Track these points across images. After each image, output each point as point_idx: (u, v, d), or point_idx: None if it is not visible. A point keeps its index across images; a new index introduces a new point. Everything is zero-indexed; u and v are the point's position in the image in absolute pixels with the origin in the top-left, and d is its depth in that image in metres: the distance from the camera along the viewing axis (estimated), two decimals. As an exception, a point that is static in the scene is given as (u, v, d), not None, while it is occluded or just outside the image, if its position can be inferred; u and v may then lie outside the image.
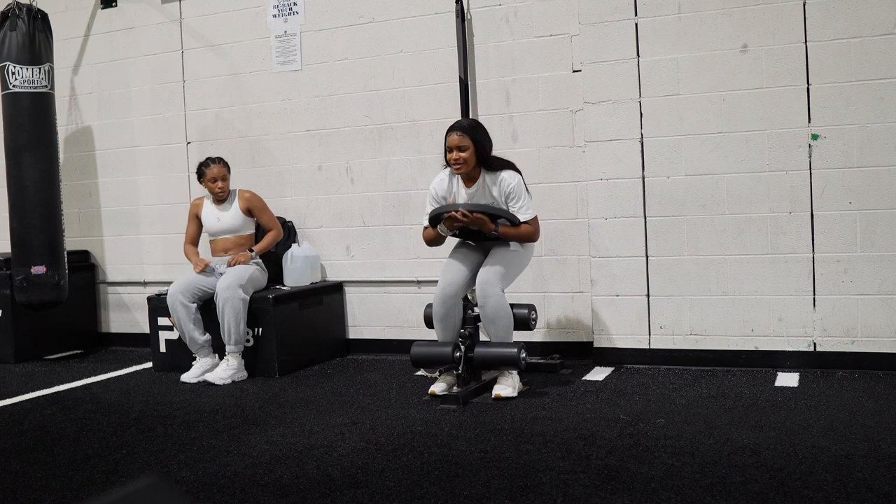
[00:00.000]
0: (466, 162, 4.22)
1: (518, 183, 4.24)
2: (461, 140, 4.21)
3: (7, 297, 5.78)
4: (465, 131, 4.23)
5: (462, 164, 4.22)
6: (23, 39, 5.47)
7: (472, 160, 4.24)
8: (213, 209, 5.22)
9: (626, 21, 4.68)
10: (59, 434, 3.92)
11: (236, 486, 3.07)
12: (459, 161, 4.21)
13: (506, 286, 4.25)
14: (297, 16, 5.65)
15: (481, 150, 4.24)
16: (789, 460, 3.06)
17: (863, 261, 4.36)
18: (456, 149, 4.21)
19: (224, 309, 4.83)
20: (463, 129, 4.24)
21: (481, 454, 3.30)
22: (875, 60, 4.27)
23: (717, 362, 4.62)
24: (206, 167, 5.17)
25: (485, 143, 4.28)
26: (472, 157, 4.23)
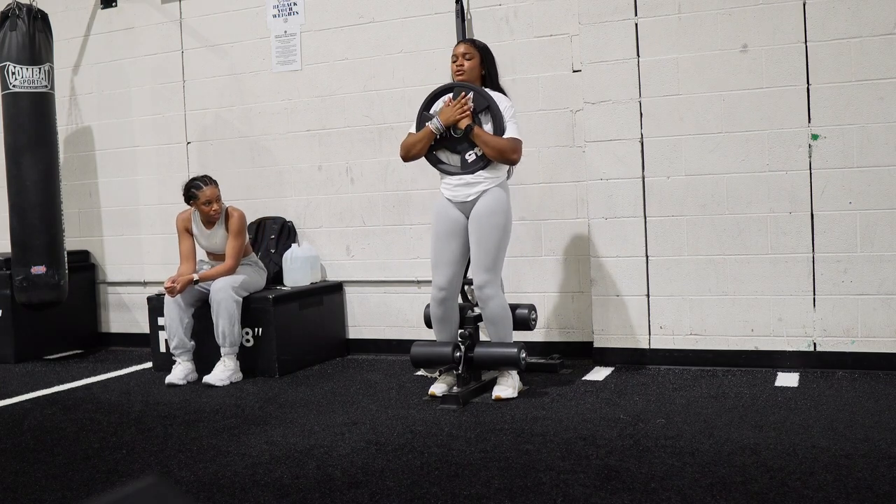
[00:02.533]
0: (469, 71, 4.20)
1: (511, 106, 4.18)
2: (467, 49, 4.24)
3: (7, 297, 5.78)
4: (474, 43, 4.29)
5: (465, 72, 4.20)
6: (23, 39, 5.47)
7: (476, 72, 4.22)
8: (202, 227, 5.06)
9: (626, 21, 4.68)
10: (59, 434, 3.92)
11: (236, 486, 3.07)
12: (463, 68, 4.20)
13: (500, 273, 4.17)
14: (297, 16, 5.65)
15: (486, 65, 4.25)
16: (789, 460, 3.06)
17: (863, 261, 4.36)
18: (461, 56, 4.23)
19: (218, 311, 4.83)
20: (472, 42, 4.32)
21: (481, 454, 3.30)
22: (875, 60, 4.27)
23: (717, 362, 4.62)
24: (197, 189, 4.92)
25: (491, 61, 4.28)
26: (476, 69, 4.22)
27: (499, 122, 4.10)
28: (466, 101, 4.11)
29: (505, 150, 4.06)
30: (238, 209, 5.04)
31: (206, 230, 5.05)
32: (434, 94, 4.26)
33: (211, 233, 5.05)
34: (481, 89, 4.16)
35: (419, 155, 4.24)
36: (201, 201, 4.94)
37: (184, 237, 5.09)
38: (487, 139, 4.06)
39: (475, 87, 4.16)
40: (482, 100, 4.12)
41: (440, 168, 4.23)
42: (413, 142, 4.22)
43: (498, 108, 4.11)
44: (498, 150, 4.06)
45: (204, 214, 4.99)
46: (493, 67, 4.27)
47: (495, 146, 4.06)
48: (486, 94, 4.14)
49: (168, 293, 4.86)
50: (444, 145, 4.20)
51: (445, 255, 4.20)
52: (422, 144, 4.20)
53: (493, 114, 4.10)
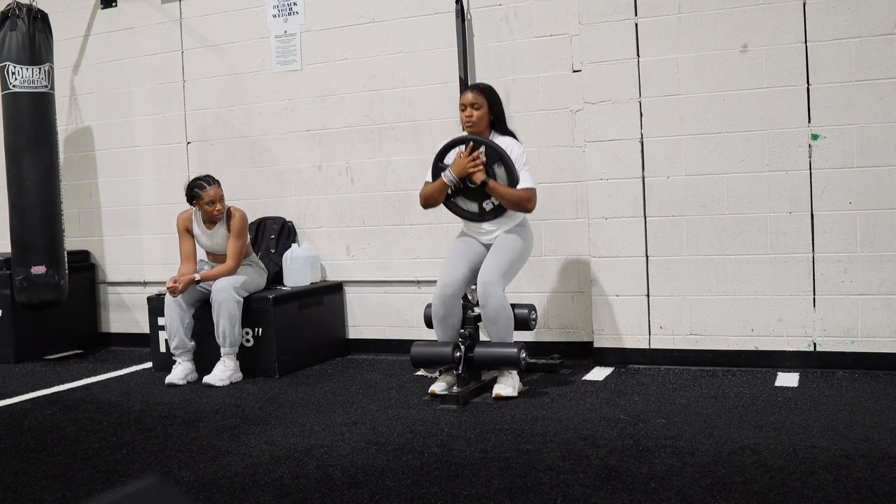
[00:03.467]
0: (479, 121, 4.27)
1: (523, 152, 4.29)
2: (475, 98, 4.28)
3: (7, 297, 5.78)
4: (481, 91, 4.32)
5: (474, 123, 4.27)
6: (23, 39, 5.47)
7: (485, 120, 4.29)
8: (203, 227, 5.06)
9: (626, 21, 4.68)
10: (59, 434, 3.92)
11: (236, 486, 3.07)
12: (472, 118, 4.27)
13: (507, 283, 4.25)
14: (297, 16, 5.65)
15: (495, 110, 4.33)
16: (789, 460, 3.06)
17: (863, 261, 4.36)
18: (470, 106, 4.28)
19: (219, 311, 4.83)
20: (478, 89, 4.34)
21: (481, 454, 3.30)
22: (875, 60, 4.27)
23: (717, 362, 4.62)
24: (201, 189, 4.92)
25: (499, 105, 4.35)
26: (485, 116, 4.29)
27: (512, 174, 4.22)
28: (478, 155, 4.21)
29: (520, 201, 4.24)
30: (240, 209, 5.04)
31: (207, 230, 5.05)
32: (448, 145, 4.37)
33: (212, 233, 5.05)
34: (492, 143, 4.26)
35: (437, 203, 4.42)
36: (205, 201, 4.94)
37: (184, 237, 5.09)
38: (503, 192, 4.22)
39: (487, 141, 4.26)
40: (494, 153, 4.23)
41: (460, 214, 4.41)
42: (430, 192, 4.38)
43: (510, 160, 4.23)
44: (513, 201, 4.24)
45: (207, 214, 4.99)
46: (500, 111, 4.37)
47: (511, 198, 4.23)
48: (498, 147, 4.24)
49: (170, 293, 4.86)
50: (462, 194, 4.35)
51: (459, 259, 4.34)
52: (438, 195, 4.36)
53: (507, 166, 4.22)
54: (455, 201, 4.38)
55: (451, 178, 4.26)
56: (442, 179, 4.29)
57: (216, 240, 5.05)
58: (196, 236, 5.09)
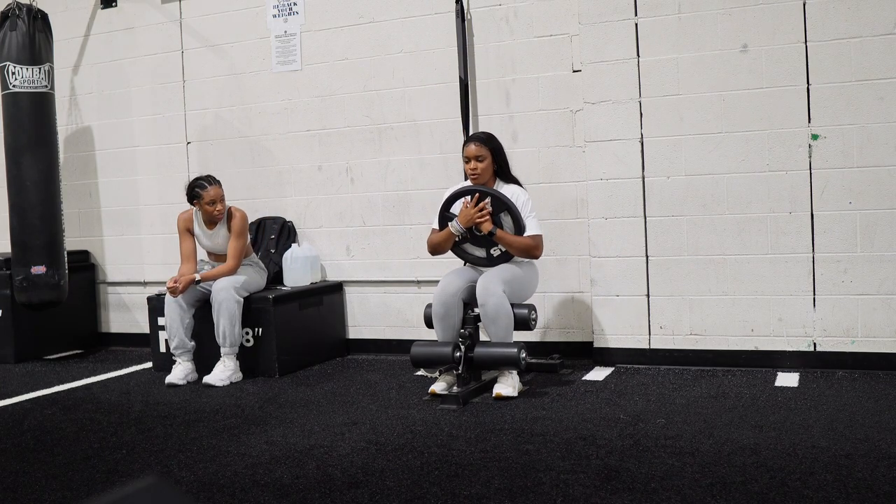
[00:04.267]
0: (483, 172, 4.36)
1: (529, 199, 4.37)
2: (479, 150, 4.35)
3: (7, 297, 5.78)
4: (483, 142, 4.38)
5: (479, 175, 4.35)
6: (23, 39, 5.47)
7: (489, 170, 4.39)
8: (203, 227, 5.06)
9: (626, 21, 4.68)
10: (59, 434, 3.92)
11: (236, 486, 3.07)
12: (477, 171, 4.35)
13: (507, 289, 4.26)
14: (297, 16, 5.65)
15: (498, 159, 4.41)
16: (789, 460, 3.06)
17: (863, 261, 4.36)
18: (474, 159, 4.35)
19: (220, 311, 4.83)
20: (481, 141, 4.39)
21: (481, 454, 3.30)
22: (875, 60, 4.27)
23: (717, 362, 4.62)
24: (202, 189, 4.92)
25: (501, 153, 4.44)
26: (490, 167, 4.38)
27: (519, 222, 4.29)
28: (484, 205, 4.28)
29: (528, 248, 4.31)
30: (240, 209, 5.04)
31: (207, 230, 5.05)
32: (454, 195, 4.43)
33: (213, 233, 5.05)
34: (498, 192, 4.32)
35: (444, 251, 4.49)
36: (205, 201, 4.94)
37: (185, 237, 5.08)
38: (511, 241, 4.29)
39: (492, 191, 4.32)
40: (500, 203, 4.30)
41: (468, 260, 4.50)
42: (437, 241, 4.45)
43: (516, 209, 4.29)
44: (521, 250, 4.32)
45: (207, 214, 4.99)
46: (503, 159, 4.44)
47: (519, 246, 4.31)
48: (503, 196, 4.31)
49: (170, 293, 4.86)
50: (470, 241, 4.42)
51: (462, 269, 4.46)
52: (445, 244, 4.44)
53: (513, 215, 4.29)
54: (463, 248, 4.46)
55: (458, 229, 4.34)
56: (449, 229, 4.36)
57: (216, 240, 5.05)
58: (196, 236, 5.09)
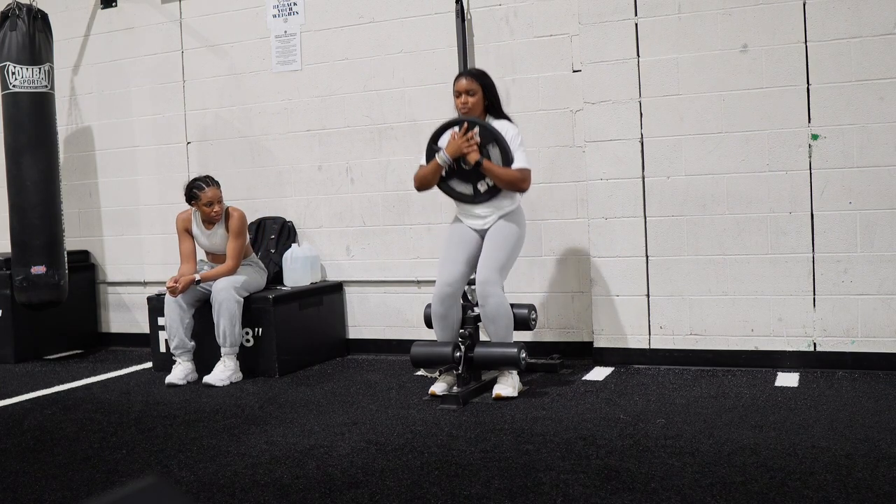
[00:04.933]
0: (474, 107, 4.26)
1: (518, 133, 4.27)
2: (470, 84, 4.27)
3: (7, 297, 5.78)
4: (475, 77, 4.31)
5: (469, 110, 4.26)
6: (23, 39, 5.47)
7: (480, 106, 4.29)
8: (202, 227, 5.06)
9: (626, 21, 4.68)
10: (59, 434, 3.92)
11: (236, 486, 3.07)
12: (467, 105, 4.26)
13: (505, 277, 4.24)
14: (297, 16, 5.65)
15: (490, 95, 4.31)
16: (789, 460, 3.06)
17: (863, 261, 4.36)
18: (465, 93, 4.26)
19: (220, 311, 4.83)
20: (472, 75, 4.33)
21: (481, 454, 3.30)
22: (875, 60, 4.27)
23: (717, 362, 4.62)
24: (199, 190, 4.91)
25: (493, 89, 4.33)
26: (480, 102, 4.28)
27: (507, 154, 4.19)
28: (472, 135, 4.20)
29: (515, 181, 4.20)
30: (238, 209, 5.04)
31: (206, 230, 5.05)
32: (442, 127, 4.34)
33: (211, 233, 5.05)
34: (487, 123, 4.24)
35: (431, 186, 4.37)
36: (203, 202, 4.94)
37: (184, 237, 5.08)
38: (498, 172, 4.17)
39: (481, 122, 4.24)
40: (489, 134, 4.21)
41: (454, 197, 4.36)
42: (423, 174, 4.35)
43: (504, 140, 4.20)
44: (508, 181, 4.20)
45: (205, 215, 4.99)
46: (495, 96, 4.35)
47: (505, 178, 4.19)
48: (492, 127, 4.22)
49: (170, 293, 4.86)
50: (456, 175, 4.30)
51: (455, 254, 4.30)
52: (432, 176, 4.32)
53: (501, 146, 4.19)
54: (449, 183, 4.33)
55: (444, 159, 4.22)
56: (436, 161, 4.25)
57: (215, 240, 5.05)
58: (195, 236, 5.09)
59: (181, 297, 4.90)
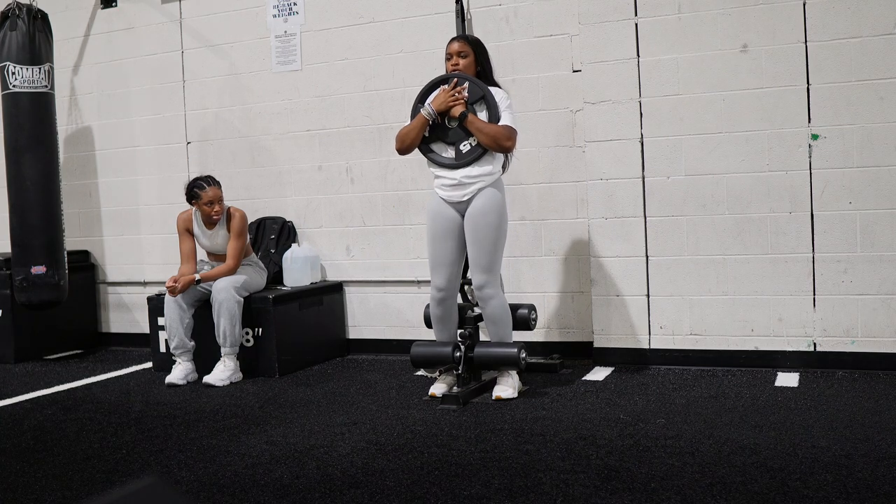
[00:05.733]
0: (465, 69, 4.20)
1: (507, 98, 4.17)
2: (462, 47, 4.22)
3: (7, 297, 5.78)
4: (468, 41, 4.26)
5: (460, 71, 4.19)
6: (23, 39, 5.47)
7: (471, 69, 4.21)
8: (203, 227, 5.06)
9: (626, 21, 4.68)
10: (59, 434, 3.92)
11: (236, 486, 3.07)
12: (458, 67, 4.20)
13: (498, 270, 4.18)
14: (297, 16, 5.65)
15: (481, 60, 4.24)
16: (789, 460, 3.06)
17: (863, 261, 4.36)
18: (456, 54, 4.21)
19: (220, 311, 4.83)
20: (465, 38, 4.28)
21: (481, 454, 3.30)
22: (875, 60, 4.27)
23: (717, 362, 4.62)
24: (200, 190, 4.93)
25: (485, 55, 4.28)
26: (472, 66, 4.21)
27: (494, 111, 4.09)
28: (461, 89, 4.11)
29: (499, 136, 4.03)
30: (240, 210, 5.04)
31: (207, 230, 5.05)
32: (430, 85, 4.25)
33: (212, 233, 5.05)
34: (476, 80, 4.16)
35: (414, 144, 4.20)
36: (204, 201, 4.94)
37: (184, 237, 5.08)
38: (481, 126, 4.04)
39: (470, 77, 4.16)
40: (477, 89, 4.13)
41: (434, 160, 4.19)
42: (407, 130, 4.19)
43: (493, 97, 4.11)
44: (491, 136, 4.03)
45: (206, 215, 4.99)
46: (487, 62, 4.27)
47: (489, 132, 4.03)
48: (481, 84, 4.15)
49: (169, 293, 4.86)
50: (439, 136, 4.17)
51: (442, 256, 4.19)
52: (416, 133, 4.16)
53: (488, 103, 4.10)
54: (431, 146, 4.19)
55: (429, 112, 4.11)
56: (421, 115, 4.13)
57: (216, 240, 5.06)
58: (196, 236, 5.09)
59: (181, 297, 4.90)
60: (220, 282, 4.89)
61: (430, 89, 4.24)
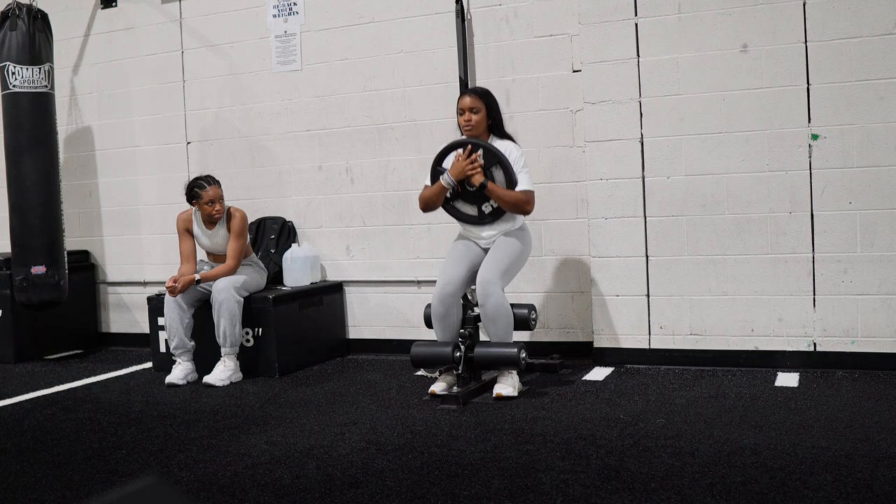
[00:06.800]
0: (477, 125, 4.29)
1: (521, 154, 4.31)
2: (473, 102, 4.30)
3: (7, 297, 5.78)
4: (479, 95, 4.34)
5: (473, 127, 4.29)
6: (23, 39, 5.47)
7: (483, 124, 4.32)
8: (203, 227, 5.06)
9: (626, 21, 4.68)
10: (59, 434, 3.92)
11: (236, 486, 3.07)
12: (471, 123, 4.29)
13: (506, 284, 4.26)
14: (297, 16, 5.65)
15: (493, 114, 4.35)
16: (789, 460, 3.06)
17: (863, 261, 4.36)
18: (468, 110, 4.30)
19: (220, 311, 4.83)
20: (476, 93, 4.35)
21: (481, 454, 3.30)
22: (875, 60, 4.27)
23: (717, 362, 4.62)
24: (200, 189, 4.94)
25: (496, 108, 4.38)
26: (483, 120, 4.32)
27: (510, 177, 4.23)
28: (476, 157, 4.23)
29: (519, 203, 4.24)
30: (240, 210, 5.04)
31: (207, 230, 5.05)
32: (446, 149, 4.38)
33: (212, 233, 5.05)
34: (490, 145, 4.27)
35: (436, 207, 4.43)
36: (204, 201, 4.94)
37: (184, 237, 5.08)
38: (501, 194, 4.23)
39: (484, 144, 4.27)
40: (492, 156, 4.25)
41: (458, 218, 4.41)
42: (428, 196, 4.40)
43: (508, 162, 4.24)
44: (512, 203, 4.25)
45: (206, 214, 4.99)
46: (497, 115, 4.39)
47: (509, 200, 4.23)
48: (496, 149, 4.26)
49: (169, 293, 4.86)
50: (461, 197, 4.36)
51: (458, 260, 4.35)
52: (437, 198, 4.37)
53: (504, 168, 4.24)
54: (454, 205, 4.39)
55: (448, 182, 4.28)
56: (440, 183, 4.30)
57: (216, 240, 5.06)
58: (196, 236, 5.09)
59: (181, 297, 4.90)
60: (220, 282, 4.89)
61: (447, 151, 4.37)
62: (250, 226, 5.57)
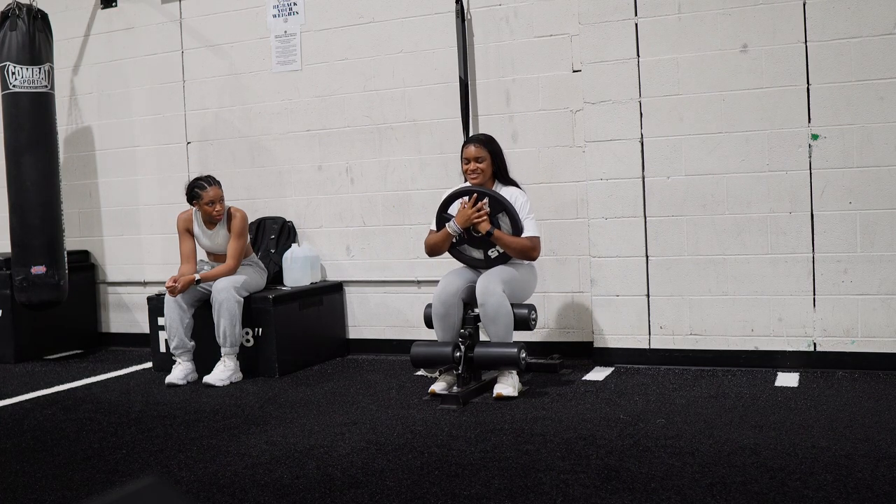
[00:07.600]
0: (483, 173, 4.36)
1: (527, 201, 4.37)
2: (479, 152, 4.36)
3: (7, 297, 5.78)
4: (483, 144, 4.40)
5: (479, 175, 4.35)
6: (23, 39, 5.47)
7: (488, 172, 4.39)
8: (203, 227, 5.06)
9: (626, 21, 4.68)
10: (59, 434, 3.92)
11: (236, 486, 3.07)
12: (477, 171, 4.35)
13: (507, 289, 4.25)
14: (297, 16, 5.65)
15: (497, 161, 4.42)
16: (789, 460, 3.06)
17: (863, 261, 4.36)
18: (474, 160, 4.36)
19: (220, 311, 4.83)
20: (481, 142, 4.41)
21: (481, 454, 3.30)
22: (875, 60, 4.27)
23: (717, 362, 4.62)
24: (201, 189, 4.93)
25: (500, 155, 4.45)
26: (489, 169, 4.39)
27: (516, 223, 4.28)
28: (482, 205, 4.27)
29: (525, 249, 4.29)
30: (240, 210, 5.05)
31: (207, 230, 5.05)
32: (451, 195, 4.42)
33: (213, 233, 5.05)
34: (495, 193, 4.32)
35: (442, 252, 4.48)
36: (205, 201, 4.94)
37: (184, 237, 5.08)
38: (508, 242, 4.28)
39: (490, 192, 4.32)
40: (497, 204, 4.29)
41: (465, 262, 4.47)
42: (434, 242, 4.44)
43: (514, 209, 4.29)
44: (518, 251, 4.30)
45: (207, 214, 4.99)
46: (502, 162, 4.45)
47: (516, 247, 4.29)
48: (501, 197, 4.31)
49: (169, 293, 4.86)
50: (467, 242, 4.41)
51: (462, 269, 4.44)
52: (443, 244, 4.43)
53: (510, 215, 4.28)
54: (460, 249, 4.44)
55: (455, 230, 4.33)
56: (446, 230, 4.35)
57: (216, 240, 5.06)
58: (196, 236, 5.09)
59: (181, 297, 4.90)
60: (220, 282, 4.89)
61: (453, 199, 4.41)
62: (250, 226, 5.57)
